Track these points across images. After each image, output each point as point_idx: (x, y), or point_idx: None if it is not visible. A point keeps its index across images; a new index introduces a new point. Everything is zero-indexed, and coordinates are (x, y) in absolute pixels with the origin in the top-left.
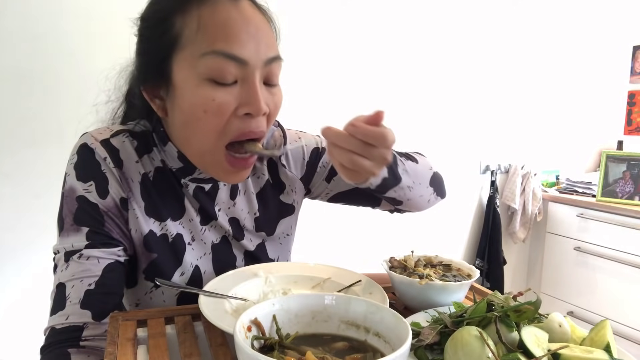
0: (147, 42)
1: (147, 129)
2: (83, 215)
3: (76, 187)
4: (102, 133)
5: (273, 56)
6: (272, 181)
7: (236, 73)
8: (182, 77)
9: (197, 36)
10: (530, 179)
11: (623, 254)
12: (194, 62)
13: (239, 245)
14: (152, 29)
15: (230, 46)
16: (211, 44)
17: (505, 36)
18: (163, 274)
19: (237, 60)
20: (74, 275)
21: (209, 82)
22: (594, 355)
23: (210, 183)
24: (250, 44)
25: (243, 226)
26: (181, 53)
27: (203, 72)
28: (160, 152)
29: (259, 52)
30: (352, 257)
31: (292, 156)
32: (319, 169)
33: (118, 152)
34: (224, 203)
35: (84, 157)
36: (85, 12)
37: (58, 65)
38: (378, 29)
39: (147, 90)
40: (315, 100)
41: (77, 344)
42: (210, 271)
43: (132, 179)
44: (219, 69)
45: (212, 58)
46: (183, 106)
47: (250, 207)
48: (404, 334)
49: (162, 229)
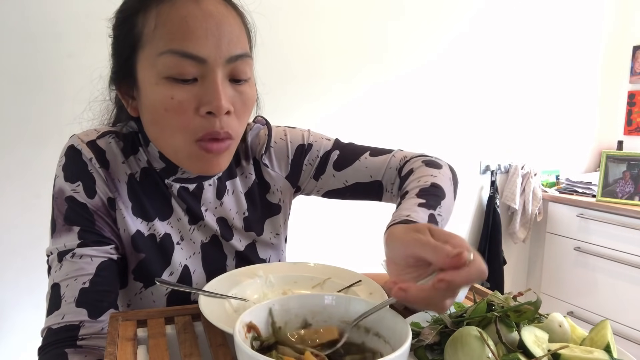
0: (115, 41)
1: (133, 130)
2: (73, 215)
3: (65, 188)
4: (88, 135)
5: (238, 54)
6: (258, 181)
7: (195, 71)
8: (144, 76)
9: (155, 34)
10: (530, 179)
11: (623, 254)
12: (153, 61)
13: (228, 245)
14: (119, 29)
15: (186, 44)
16: (168, 43)
17: (505, 36)
18: (152, 274)
19: (195, 59)
20: (68, 275)
21: (167, 80)
22: (594, 355)
23: (195, 183)
24: (209, 41)
25: (232, 226)
26: (142, 52)
27: (162, 71)
28: (145, 153)
29: (220, 49)
30: (352, 257)
31: (275, 155)
32: (305, 166)
33: (104, 153)
34: (210, 203)
35: (71, 159)
36: (85, 12)
37: (58, 65)
38: (378, 29)
39: (120, 91)
40: (316, 100)
41: (74, 343)
42: (200, 271)
43: (119, 180)
44: (177, 68)
45: (168, 57)
46: (147, 105)
47: (239, 206)
48: (404, 334)
49: (149, 229)
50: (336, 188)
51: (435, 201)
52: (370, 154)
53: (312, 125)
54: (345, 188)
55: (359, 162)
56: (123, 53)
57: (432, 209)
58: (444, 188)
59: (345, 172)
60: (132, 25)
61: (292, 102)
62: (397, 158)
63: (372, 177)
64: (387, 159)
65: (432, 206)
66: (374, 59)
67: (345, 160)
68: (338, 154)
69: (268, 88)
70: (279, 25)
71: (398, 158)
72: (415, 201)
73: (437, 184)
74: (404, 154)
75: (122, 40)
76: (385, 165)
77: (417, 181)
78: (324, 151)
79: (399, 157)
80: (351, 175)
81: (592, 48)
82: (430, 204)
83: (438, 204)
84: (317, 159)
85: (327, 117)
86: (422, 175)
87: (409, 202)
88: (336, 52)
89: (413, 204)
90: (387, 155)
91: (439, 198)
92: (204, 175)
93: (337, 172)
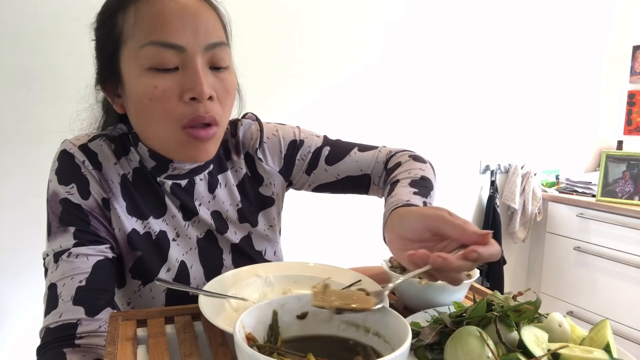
0: (98, 42)
1: (123, 132)
2: (68, 216)
3: (59, 190)
4: (80, 139)
5: (215, 42)
6: (250, 174)
7: (176, 60)
8: (127, 70)
9: (135, 30)
10: (530, 178)
11: (623, 254)
12: (135, 55)
13: (223, 238)
14: (100, 30)
15: (165, 35)
16: (148, 35)
17: (505, 36)
18: (149, 271)
19: (174, 48)
20: (65, 274)
21: (150, 71)
22: (594, 355)
23: (186, 179)
24: (187, 31)
25: (226, 218)
26: (124, 48)
27: (144, 63)
28: (136, 153)
29: (198, 38)
30: (352, 257)
31: (268, 150)
32: (297, 161)
33: (96, 155)
34: (204, 197)
35: (64, 162)
36: (85, 12)
37: (58, 66)
38: (378, 28)
39: (105, 90)
40: (316, 100)
41: (72, 342)
42: (197, 266)
43: (112, 180)
44: (158, 58)
45: (149, 48)
46: (132, 98)
47: (232, 198)
48: (403, 334)
49: (144, 227)
50: (328, 182)
51: (426, 191)
52: (358, 149)
53: (312, 128)
54: (336, 181)
55: (349, 157)
56: (106, 52)
57: (425, 198)
58: (431, 181)
59: (337, 166)
60: (113, 24)
61: (293, 103)
62: (383, 153)
63: (362, 171)
64: (375, 154)
65: (424, 195)
66: (375, 60)
67: (336, 156)
68: (329, 149)
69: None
70: (252, 16)
71: (384, 153)
72: (409, 190)
73: (426, 177)
74: (388, 149)
75: (104, 40)
76: (374, 160)
77: (407, 172)
78: (315, 147)
79: (384, 152)
80: (342, 170)
81: (592, 48)
82: (423, 193)
83: (429, 194)
84: (309, 154)
85: (328, 118)
86: (411, 168)
87: (403, 190)
88: (335, 54)
89: (408, 192)
90: (374, 151)
91: (428, 189)
92: (195, 170)
93: (329, 167)
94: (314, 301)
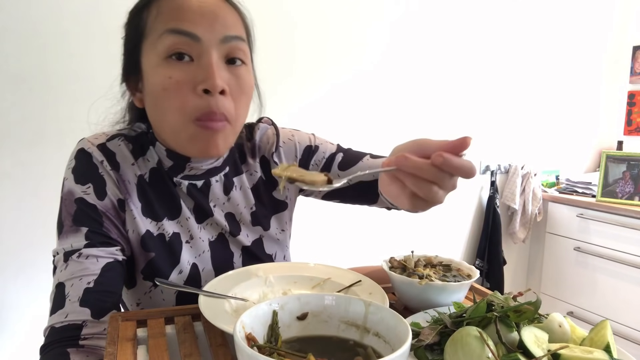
0: (125, 38)
1: (142, 131)
2: (82, 216)
3: (75, 189)
4: (98, 138)
5: (231, 35)
6: (265, 178)
7: (191, 50)
8: (146, 62)
9: (155, 22)
10: (530, 179)
11: (623, 254)
12: (154, 45)
13: (235, 241)
14: (128, 26)
15: (181, 23)
16: (165, 25)
17: (505, 36)
18: (160, 273)
19: (190, 36)
20: (73, 274)
21: (167, 60)
22: (594, 356)
23: (202, 180)
24: (204, 22)
25: (239, 220)
26: (146, 42)
27: (161, 52)
28: (154, 152)
29: (214, 30)
30: (352, 257)
31: (284, 154)
32: (312, 167)
33: (114, 155)
34: (219, 199)
35: (81, 161)
36: (85, 12)
37: (58, 66)
38: (378, 28)
39: (128, 86)
40: (316, 101)
41: (77, 343)
42: (209, 268)
43: (129, 181)
44: (174, 45)
45: (166, 36)
46: (148, 89)
47: (246, 201)
48: (403, 334)
49: (158, 228)
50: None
51: None
52: (370, 156)
53: (312, 128)
54: (348, 187)
55: (362, 162)
56: (129, 46)
57: None
58: None
59: (350, 171)
60: (138, 20)
61: (298, 104)
62: None
63: (374, 177)
64: None
65: None
66: (375, 60)
67: (349, 161)
68: (342, 156)
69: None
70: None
71: None
72: None
73: None
74: None
75: (129, 35)
76: None
77: None
78: (329, 153)
79: None
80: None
81: (593, 48)
82: None
83: None
84: (323, 159)
85: (329, 118)
86: None
87: None
88: (335, 54)
89: None
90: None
91: None
92: (211, 171)
93: (342, 172)
94: (274, 170)
